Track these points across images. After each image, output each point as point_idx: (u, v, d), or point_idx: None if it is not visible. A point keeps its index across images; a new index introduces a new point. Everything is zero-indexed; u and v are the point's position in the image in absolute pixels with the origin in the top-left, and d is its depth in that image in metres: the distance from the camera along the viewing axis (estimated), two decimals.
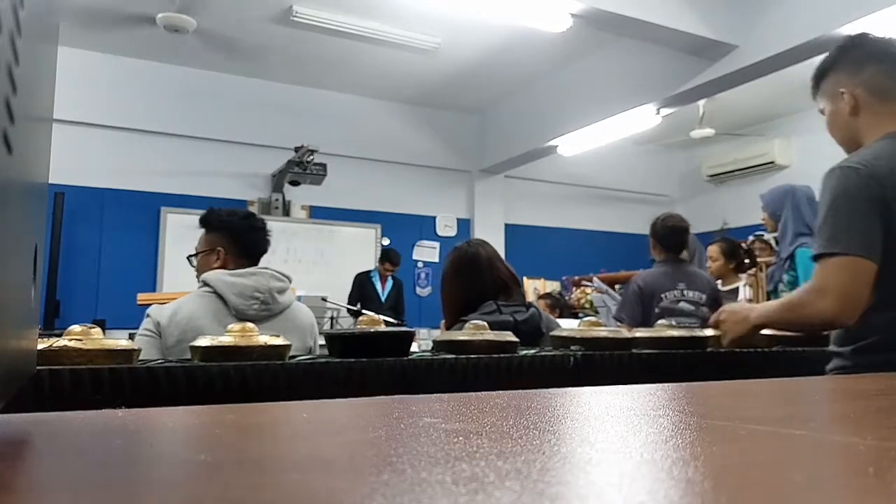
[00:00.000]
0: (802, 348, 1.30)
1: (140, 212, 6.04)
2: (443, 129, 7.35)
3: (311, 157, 5.79)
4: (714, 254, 3.79)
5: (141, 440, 0.35)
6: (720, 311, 1.48)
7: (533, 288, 7.27)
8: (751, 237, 4.30)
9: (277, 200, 6.46)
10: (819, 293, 1.29)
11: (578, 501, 0.21)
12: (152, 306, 1.88)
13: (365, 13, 5.20)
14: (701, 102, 6.22)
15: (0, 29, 0.23)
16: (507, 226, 7.66)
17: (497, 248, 2.18)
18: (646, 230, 3.35)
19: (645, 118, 5.77)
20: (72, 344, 0.72)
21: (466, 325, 0.99)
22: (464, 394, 0.55)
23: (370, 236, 6.91)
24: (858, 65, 1.47)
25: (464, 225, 7.53)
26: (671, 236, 3.17)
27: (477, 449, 0.29)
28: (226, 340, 0.80)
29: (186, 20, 4.90)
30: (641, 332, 1.15)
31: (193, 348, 0.80)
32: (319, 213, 6.78)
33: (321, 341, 2.13)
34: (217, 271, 1.93)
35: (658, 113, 5.65)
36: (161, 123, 6.11)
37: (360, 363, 0.83)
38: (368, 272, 6.05)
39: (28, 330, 0.36)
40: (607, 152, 7.30)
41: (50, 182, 0.44)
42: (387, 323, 1.38)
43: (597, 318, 1.23)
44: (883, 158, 1.33)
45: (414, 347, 0.96)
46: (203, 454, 0.29)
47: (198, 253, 2.10)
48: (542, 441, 0.31)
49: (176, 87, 6.16)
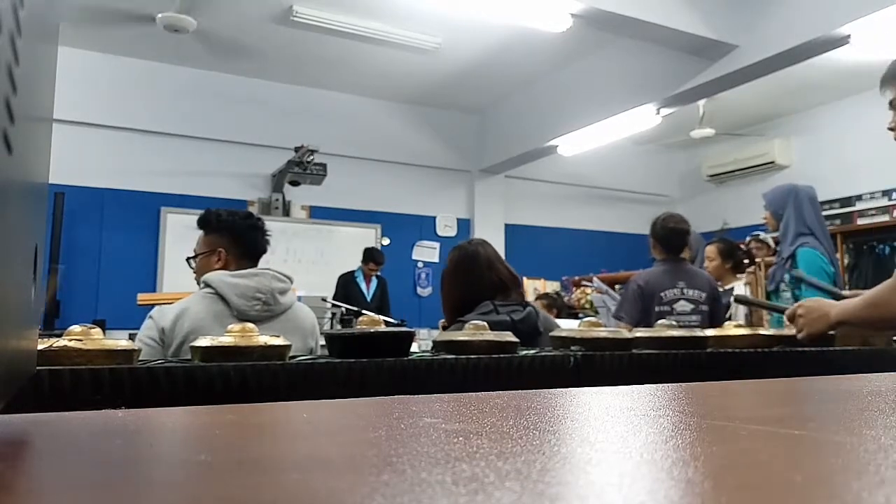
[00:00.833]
0: (802, 348, 1.30)
1: (140, 212, 6.04)
2: (443, 129, 7.35)
3: (311, 157, 5.79)
4: (711, 254, 3.79)
5: (141, 440, 0.35)
6: (798, 305, 1.46)
7: (533, 288, 7.27)
8: (748, 237, 4.31)
9: (277, 200, 6.46)
10: None
11: (578, 502, 0.21)
12: (155, 308, 1.87)
13: (365, 13, 5.20)
14: (701, 102, 6.22)
15: (0, 29, 0.23)
16: (507, 226, 7.66)
17: (497, 248, 2.18)
18: (646, 230, 3.35)
19: (645, 118, 5.77)
20: (72, 344, 0.72)
21: (466, 326, 0.99)
22: (464, 394, 0.55)
23: (370, 236, 6.91)
24: None
25: (464, 225, 7.53)
26: (671, 237, 3.16)
27: (477, 449, 0.29)
28: (226, 341, 0.80)
29: (186, 20, 4.90)
30: (641, 332, 1.15)
31: (193, 348, 0.80)
32: (319, 213, 6.78)
33: (321, 341, 2.13)
34: (218, 272, 1.92)
35: (658, 113, 5.65)
36: (161, 123, 6.11)
37: (360, 363, 0.83)
38: (352, 272, 6.02)
39: (28, 330, 0.36)
40: (607, 152, 7.30)
41: (50, 182, 0.44)
42: (387, 323, 1.38)
43: (597, 319, 1.22)
44: None
45: (414, 347, 0.96)
46: (203, 454, 0.29)
47: (197, 255, 2.08)
48: (542, 441, 0.31)
49: (176, 87, 6.16)
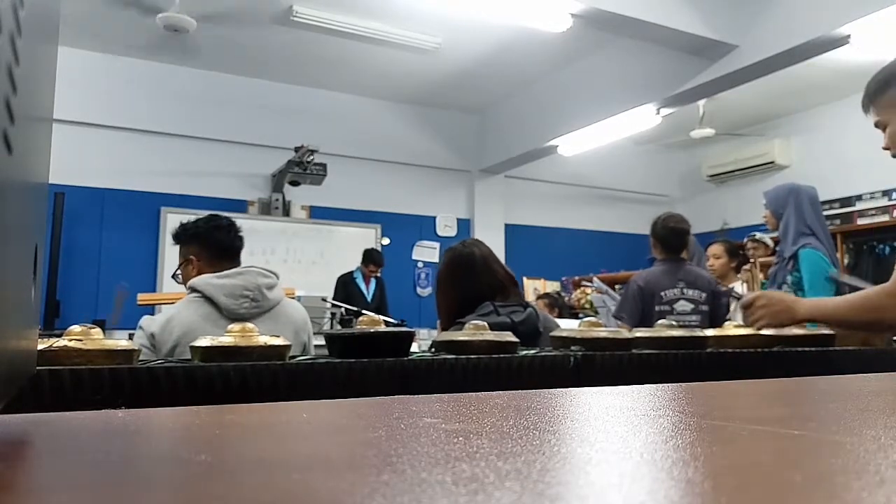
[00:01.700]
0: (802, 348, 1.30)
1: (140, 212, 6.04)
2: (443, 129, 7.35)
3: (311, 157, 5.79)
4: (718, 252, 3.80)
5: (141, 440, 0.35)
6: (757, 295, 1.47)
7: (533, 288, 7.27)
8: (745, 238, 4.31)
9: (277, 200, 6.46)
10: None
11: (578, 502, 0.21)
12: (143, 318, 1.91)
13: (365, 13, 5.20)
14: (701, 102, 6.22)
15: (0, 29, 0.23)
16: (507, 226, 7.66)
17: (497, 248, 2.16)
18: (646, 230, 3.35)
19: (645, 118, 5.77)
20: (72, 344, 0.72)
21: (466, 326, 0.99)
22: (464, 394, 0.55)
23: (370, 236, 6.91)
24: None
25: (464, 225, 7.53)
26: (672, 237, 3.17)
27: (477, 449, 0.29)
28: (226, 341, 0.80)
29: (186, 20, 4.90)
30: (641, 332, 1.15)
31: (193, 349, 0.80)
32: (319, 213, 6.78)
33: (321, 341, 2.13)
34: (203, 276, 1.95)
35: (658, 113, 5.65)
36: (161, 123, 6.11)
37: (360, 363, 0.83)
38: (351, 273, 6.01)
39: (28, 330, 0.36)
40: (607, 152, 7.30)
41: (50, 182, 0.44)
42: (387, 323, 1.38)
43: (597, 319, 1.22)
44: None
45: (414, 347, 0.96)
46: (203, 454, 0.29)
47: (177, 269, 2.16)
48: (542, 441, 0.31)
49: (176, 87, 6.16)
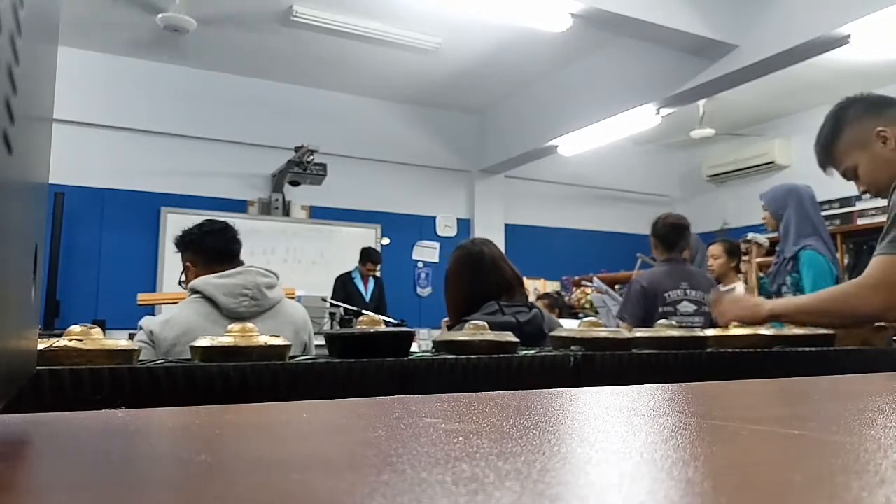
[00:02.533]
0: (802, 348, 1.30)
1: (140, 212, 6.04)
2: (443, 129, 7.35)
3: (311, 157, 5.79)
4: (717, 252, 3.80)
5: (141, 440, 0.35)
6: (717, 299, 1.55)
7: (533, 288, 7.27)
8: (741, 239, 4.31)
9: (277, 200, 6.46)
10: (874, 289, 1.36)
11: (578, 502, 0.21)
12: (143, 318, 1.94)
13: (365, 13, 5.20)
14: (701, 102, 6.22)
15: (0, 29, 0.23)
16: (507, 226, 7.66)
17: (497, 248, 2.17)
18: (646, 230, 3.35)
19: (645, 118, 5.77)
20: (72, 344, 0.72)
21: (466, 326, 0.99)
22: (464, 394, 0.55)
23: (370, 236, 6.91)
24: (875, 111, 1.54)
25: (464, 225, 7.53)
26: (672, 234, 3.16)
27: (477, 449, 0.29)
28: (226, 340, 0.80)
29: (186, 20, 4.90)
30: (641, 332, 1.15)
31: (193, 348, 0.80)
32: (319, 213, 6.78)
33: (321, 341, 2.14)
34: (203, 276, 1.98)
35: (658, 113, 5.65)
36: (161, 123, 6.11)
37: (360, 363, 0.83)
38: (349, 273, 6.01)
39: (28, 330, 0.36)
40: (607, 152, 7.31)
41: (50, 182, 0.44)
42: (386, 323, 1.38)
43: (597, 319, 1.22)
44: None
45: (414, 347, 0.96)
46: (203, 454, 0.29)
47: (181, 274, 2.21)
48: (542, 441, 0.31)
49: (176, 87, 6.16)
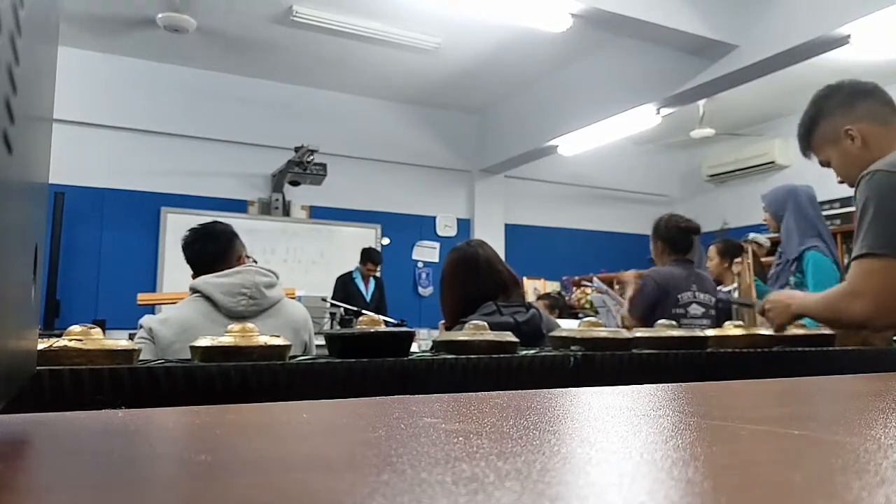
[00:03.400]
0: (802, 348, 1.30)
1: (140, 212, 6.04)
2: (443, 129, 7.35)
3: (311, 157, 5.79)
4: (711, 253, 3.80)
5: (141, 440, 0.35)
6: (766, 300, 1.55)
7: (533, 288, 7.27)
8: (741, 239, 4.31)
9: (277, 200, 6.46)
10: (853, 296, 1.34)
11: (578, 502, 0.21)
12: (144, 317, 1.95)
13: (365, 13, 5.20)
14: (701, 102, 6.22)
15: (0, 29, 0.23)
16: (507, 226, 7.66)
17: (497, 248, 2.18)
18: (646, 230, 3.32)
19: (645, 118, 5.77)
20: (72, 344, 0.72)
21: (466, 326, 0.99)
22: (464, 394, 0.55)
23: (370, 236, 6.91)
24: (848, 104, 1.54)
25: (464, 225, 7.53)
26: (682, 236, 3.07)
27: (477, 449, 0.29)
28: (226, 340, 0.80)
29: (186, 20, 4.90)
30: (641, 332, 1.15)
31: (193, 348, 0.80)
32: (319, 213, 6.78)
33: (321, 341, 2.14)
34: (203, 276, 2.00)
35: (658, 113, 5.65)
36: (161, 123, 6.11)
37: (360, 363, 0.83)
38: (350, 273, 6.01)
39: (28, 330, 0.36)
40: (607, 152, 7.31)
41: (50, 182, 0.44)
42: (386, 323, 1.38)
43: (597, 319, 1.22)
44: None
45: (414, 347, 0.96)
46: (203, 454, 0.29)
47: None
48: (542, 441, 0.31)
49: (176, 87, 6.16)
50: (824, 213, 3.46)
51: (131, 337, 1.85)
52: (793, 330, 1.37)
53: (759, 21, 4.45)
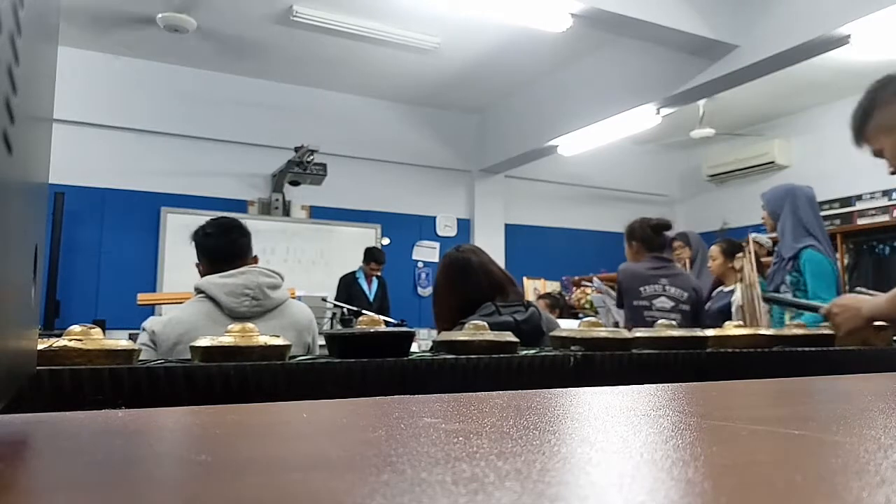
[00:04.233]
0: (802, 348, 1.30)
1: (140, 212, 6.04)
2: (443, 129, 7.35)
3: (311, 157, 5.79)
4: (714, 253, 3.80)
5: (141, 440, 0.35)
6: (833, 304, 1.48)
7: (533, 288, 7.27)
8: (742, 239, 4.31)
9: (277, 200, 6.46)
10: None
11: (578, 502, 0.21)
12: (148, 319, 1.95)
13: (365, 13, 5.20)
14: (701, 102, 6.22)
15: (0, 29, 0.23)
16: (507, 226, 7.65)
17: (497, 248, 2.18)
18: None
19: (645, 118, 5.77)
20: (72, 344, 0.72)
21: (466, 325, 0.99)
22: (464, 394, 0.55)
23: (370, 236, 6.91)
24: None
25: (464, 225, 7.53)
26: (655, 235, 3.19)
27: (477, 449, 0.29)
28: (226, 341, 0.80)
29: (186, 20, 4.91)
30: (641, 332, 1.15)
31: (194, 349, 0.80)
32: (319, 213, 6.78)
33: (321, 341, 2.14)
34: (207, 276, 1.99)
35: (658, 113, 5.65)
36: (161, 123, 6.11)
37: (360, 363, 0.83)
38: (353, 273, 6.01)
39: (28, 330, 0.36)
40: (607, 152, 7.30)
41: (50, 182, 0.44)
42: (387, 323, 1.38)
43: (597, 319, 1.22)
44: None
45: (414, 347, 0.96)
46: (203, 454, 0.29)
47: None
48: (542, 441, 0.31)
49: (176, 87, 6.16)
50: (824, 214, 3.46)
51: (131, 337, 1.85)
52: (793, 330, 1.37)
53: (760, 21, 4.45)
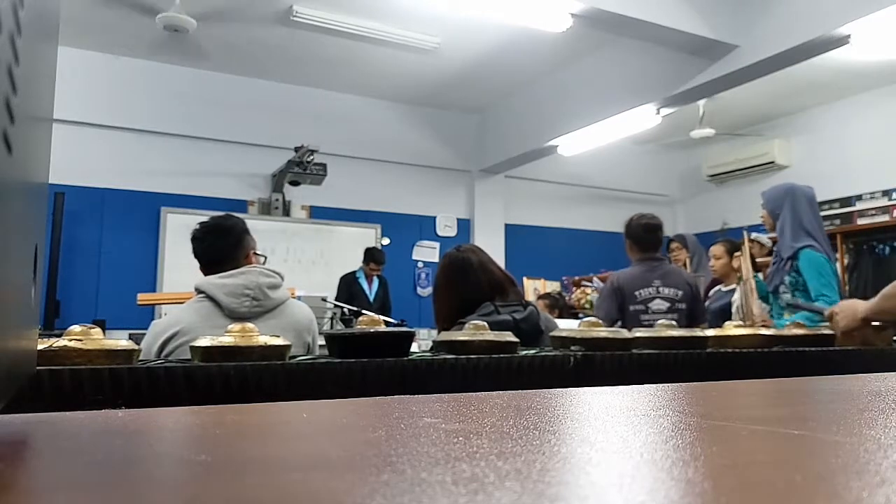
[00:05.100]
0: (802, 348, 1.30)
1: (140, 212, 6.04)
2: (443, 129, 7.35)
3: (311, 157, 5.79)
4: (718, 252, 3.80)
5: (141, 440, 0.35)
6: (834, 306, 1.59)
7: (533, 288, 7.26)
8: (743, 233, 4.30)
9: (277, 200, 6.46)
10: None
11: (578, 502, 0.21)
12: (154, 322, 1.97)
13: (365, 13, 5.20)
14: (701, 102, 6.22)
15: (0, 29, 0.23)
16: (507, 226, 7.65)
17: (497, 248, 2.18)
18: None
19: (645, 118, 5.77)
20: (72, 344, 0.72)
21: (466, 325, 0.99)
22: (464, 394, 0.55)
23: (370, 236, 6.91)
24: None
25: (464, 225, 7.53)
26: (645, 235, 3.23)
27: (477, 449, 0.29)
28: (226, 341, 0.80)
29: (186, 20, 4.90)
30: (641, 332, 1.15)
31: (193, 349, 0.80)
32: (319, 213, 6.78)
33: (321, 341, 2.14)
34: (208, 276, 1.99)
35: (658, 113, 5.65)
36: (161, 123, 6.11)
37: (360, 363, 0.83)
38: (354, 272, 6.01)
39: (28, 330, 0.36)
40: (607, 152, 7.30)
41: (50, 182, 0.44)
42: (387, 323, 1.38)
43: (597, 319, 1.23)
44: None
45: (414, 347, 0.96)
46: (203, 454, 0.29)
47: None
48: (542, 441, 0.31)
49: (176, 87, 6.16)
50: (823, 214, 3.46)
51: (132, 337, 1.86)
52: (793, 330, 1.37)
53: (760, 21, 4.45)
